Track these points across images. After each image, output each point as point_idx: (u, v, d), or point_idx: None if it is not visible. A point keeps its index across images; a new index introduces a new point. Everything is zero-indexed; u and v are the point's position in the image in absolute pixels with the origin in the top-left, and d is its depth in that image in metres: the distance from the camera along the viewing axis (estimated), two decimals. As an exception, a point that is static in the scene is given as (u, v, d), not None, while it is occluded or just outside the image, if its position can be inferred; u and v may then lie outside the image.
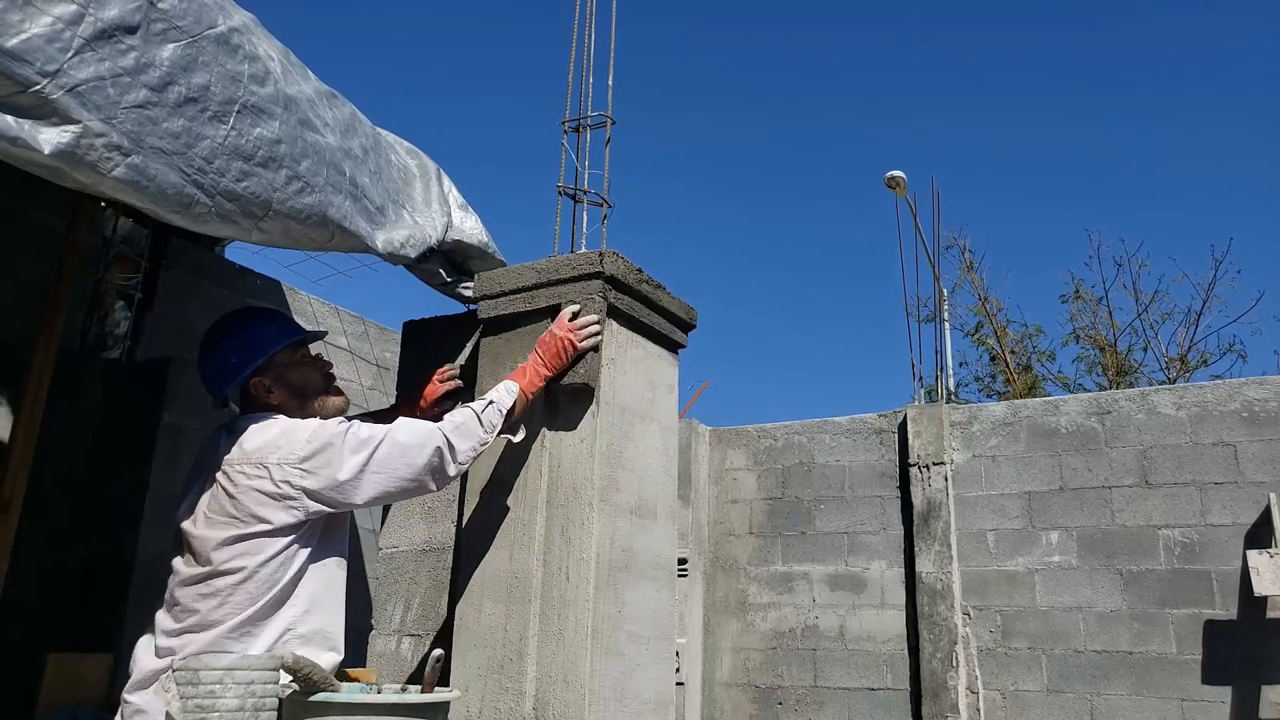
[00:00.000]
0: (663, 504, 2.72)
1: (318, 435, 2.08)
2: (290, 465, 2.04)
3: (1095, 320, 15.12)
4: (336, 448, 2.07)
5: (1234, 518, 4.88)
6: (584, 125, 3.22)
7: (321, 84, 2.39)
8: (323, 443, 2.07)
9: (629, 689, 2.44)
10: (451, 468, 2.19)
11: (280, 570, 2.02)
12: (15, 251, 3.92)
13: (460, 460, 2.20)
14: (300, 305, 5.38)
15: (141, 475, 3.94)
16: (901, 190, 10.74)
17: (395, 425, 2.19)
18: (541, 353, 2.44)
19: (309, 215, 2.21)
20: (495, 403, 2.30)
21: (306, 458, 2.05)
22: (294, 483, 2.03)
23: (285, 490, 2.03)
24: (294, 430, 2.09)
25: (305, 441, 2.06)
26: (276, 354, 2.21)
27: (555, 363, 2.44)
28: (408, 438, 2.16)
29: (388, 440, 2.13)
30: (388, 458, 2.11)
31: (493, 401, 2.30)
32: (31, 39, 1.57)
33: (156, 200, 1.84)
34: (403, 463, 2.12)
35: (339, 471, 2.05)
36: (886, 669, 5.60)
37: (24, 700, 3.44)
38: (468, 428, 2.23)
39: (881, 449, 5.95)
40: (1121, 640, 5.02)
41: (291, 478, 2.03)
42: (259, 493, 2.02)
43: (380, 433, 2.14)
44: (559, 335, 2.45)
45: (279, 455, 2.05)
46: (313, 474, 2.04)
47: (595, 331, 2.48)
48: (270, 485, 2.03)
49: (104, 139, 1.69)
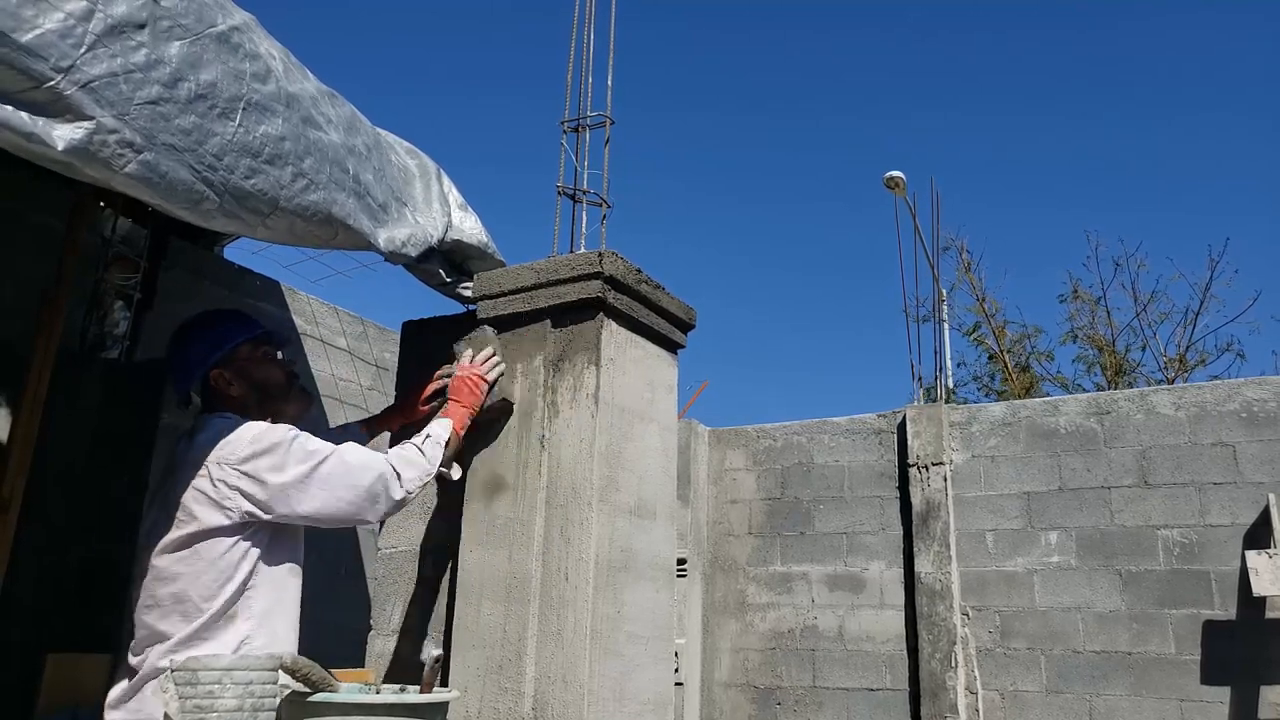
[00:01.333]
0: (662, 504, 2.72)
1: (263, 438, 2.06)
2: (230, 465, 2.02)
3: (1094, 320, 15.15)
4: (280, 454, 2.05)
5: (1233, 518, 4.89)
6: (583, 125, 3.22)
7: (321, 84, 2.39)
8: (267, 445, 2.05)
9: (628, 689, 2.44)
10: (398, 492, 2.19)
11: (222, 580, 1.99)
12: (15, 251, 3.92)
13: (406, 487, 2.21)
14: (300, 305, 5.38)
15: (141, 475, 3.94)
16: (901, 191, 10.75)
17: (345, 445, 2.19)
18: (457, 397, 2.53)
19: (314, 212, 2.22)
20: (432, 437, 2.36)
21: (247, 459, 2.03)
22: (229, 483, 2.01)
23: (222, 491, 2.00)
24: (240, 430, 2.07)
25: (249, 442, 2.05)
26: (238, 346, 2.23)
27: (472, 400, 2.54)
28: (355, 458, 2.15)
29: (335, 457, 2.11)
30: (331, 474, 2.09)
31: (430, 436, 2.36)
32: (45, 34, 1.56)
33: (167, 197, 1.84)
34: (346, 482, 2.11)
35: (277, 477, 2.03)
36: (885, 669, 5.60)
37: (23, 700, 3.44)
38: (408, 458, 2.26)
39: (880, 449, 5.95)
40: (1120, 640, 5.02)
41: (229, 478, 2.01)
42: (198, 491, 2.00)
43: (328, 449, 2.12)
44: (464, 376, 2.56)
45: (220, 455, 2.03)
46: (250, 476, 2.02)
47: (497, 362, 2.63)
48: (209, 485, 2.00)
49: (117, 135, 1.69)
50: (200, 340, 2.23)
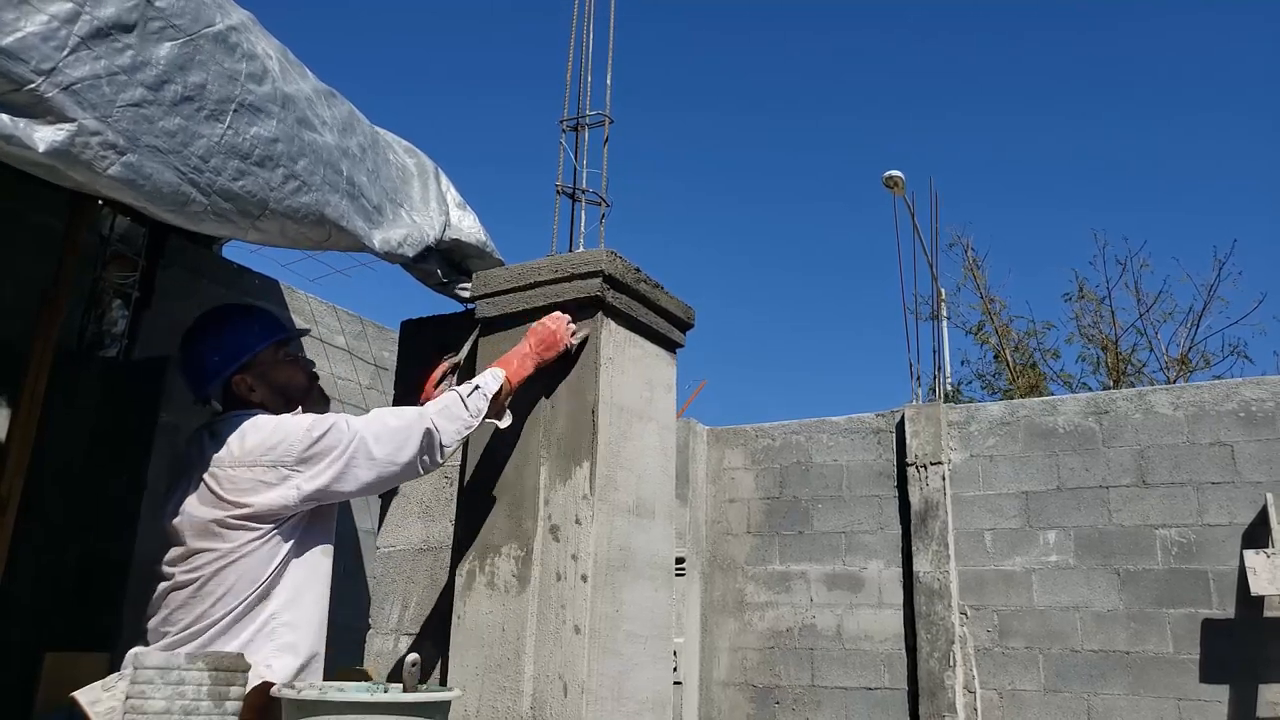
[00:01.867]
0: (660, 503, 2.72)
1: (314, 429, 2.09)
2: (287, 465, 2.05)
3: (1098, 319, 15.13)
4: (329, 440, 2.07)
5: (1231, 517, 4.89)
6: (582, 124, 3.22)
7: (320, 82, 2.39)
8: (317, 435, 2.07)
9: (626, 688, 2.44)
10: (439, 453, 2.18)
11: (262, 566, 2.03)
12: (15, 251, 3.92)
13: (445, 443, 2.19)
14: (298, 304, 5.37)
15: (139, 474, 3.93)
16: (900, 190, 10.75)
17: (381, 412, 2.19)
18: (533, 341, 2.44)
19: (306, 214, 2.21)
20: (481, 388, 2.29)
21: (305, 451, 2.06)
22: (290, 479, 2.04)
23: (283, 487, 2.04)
24: (287, 426, 2.10)
25: (300, 437, 2.07)
26: (261, 352, 2.22)
27: (545, 352, 2.43)
28: (397, 421, 2.15)
29: (377, 426, 2.13)
30: (377, 444, 2.11)
31: (479, 386, 2.29)
32: (27, 37, 1.57)
33: (152, 199, 1.84)
34: (392, 446, 2.12)
35: (334, 463, 2.06)
36: (884, 668, 5.60)
37: (22, 699, 3.43)
38: (452, 411, 2.22)
39: (879, 449, 5.95)
40: (1119, 640, 5.03)
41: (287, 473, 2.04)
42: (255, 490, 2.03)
43: (369, 421, 2.14)
44: (552, 328, 2.45)
45: (275, 454, 2.05)
46: (311, 466, 2.05)
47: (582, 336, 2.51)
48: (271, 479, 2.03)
49: (99, 137, 1.69)
50: (218, 348, 2.21)
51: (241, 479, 2.03)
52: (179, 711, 1.76)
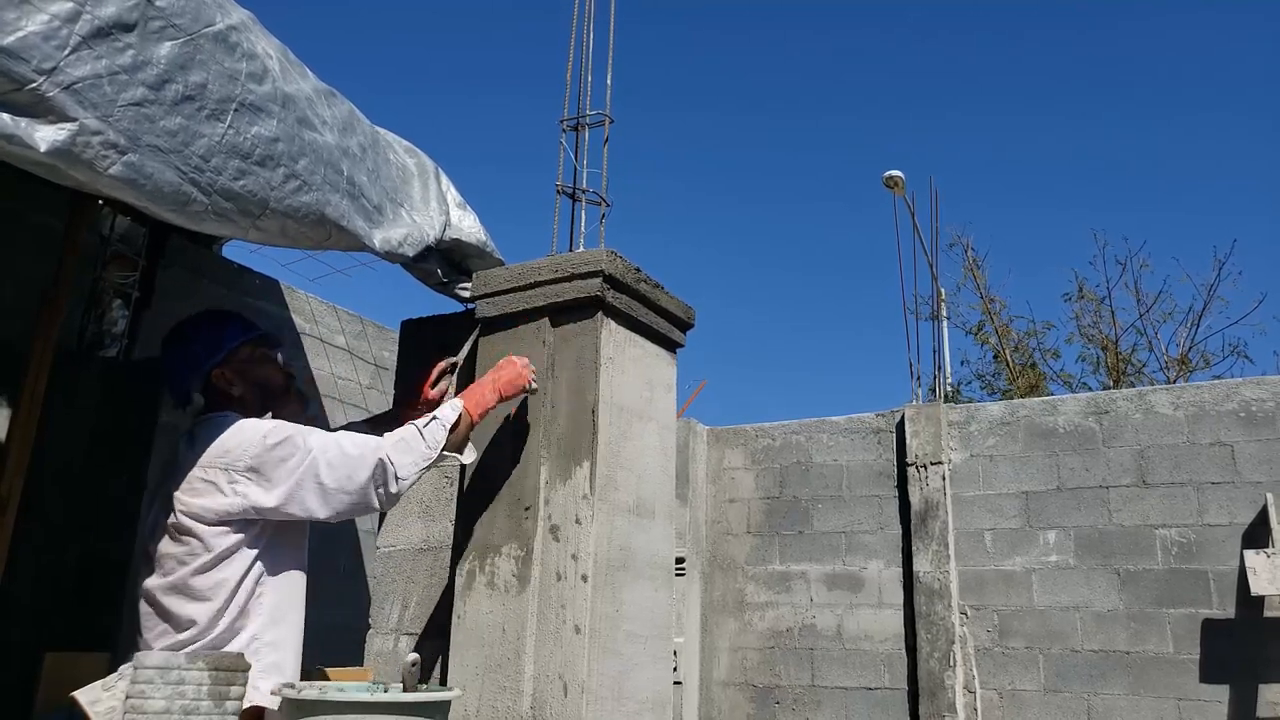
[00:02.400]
0: (660, 503, 2.72)
1: (270, 436, 2.09)
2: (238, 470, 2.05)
3: (1098, 319, 15.13)
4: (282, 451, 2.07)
5: (1231, 517, 4.89)
6: (583, 124, 3.22)
7: (320, 82, 2.39)
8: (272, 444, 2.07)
9: (626, 688, 2.44)
10: (393, 484, 2.14)
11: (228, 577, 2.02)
12: (15, 251, 3.92)
13: (401, 475, 2.15)
14: (298, 304, 5.37)
15: (139, 474, 3.93)
16: (900, 190, 10.75)
17: (340, 436, 2.18)
18: (497, 376, 2.43)
19: (306, 214, 2.22)
20: (439, 419, 2.26)
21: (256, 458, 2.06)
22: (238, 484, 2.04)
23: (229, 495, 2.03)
24: (246, 430, 2.10)
25: (255, 442, 2.08)
26: (240, 347, 2.27)
27: (507, 388, 2.41)
28: (353, 449, 2.13)
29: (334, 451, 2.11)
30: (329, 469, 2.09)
31: (435, 417, 2.27)
32: (28, 36, 1.57)
33: (153, 198, 1.84)
34: (344, 474, 2.10)
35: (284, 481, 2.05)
36: (884, 668, 5.60)
37: (22, 699, 3.43)
38: (409, 443, 2.19)
39: (879, 448, 5.95)
40: (1119, 640, 5.03)
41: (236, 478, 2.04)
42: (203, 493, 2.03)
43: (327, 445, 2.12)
44: (518, 368, 2.44)
45: (229, 458, 2.06)
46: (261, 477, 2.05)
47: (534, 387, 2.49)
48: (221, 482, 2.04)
49: (100, 137, 1.70)
50: (202, 340, 2.26)
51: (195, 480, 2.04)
52: (179, 711, 1.76)
